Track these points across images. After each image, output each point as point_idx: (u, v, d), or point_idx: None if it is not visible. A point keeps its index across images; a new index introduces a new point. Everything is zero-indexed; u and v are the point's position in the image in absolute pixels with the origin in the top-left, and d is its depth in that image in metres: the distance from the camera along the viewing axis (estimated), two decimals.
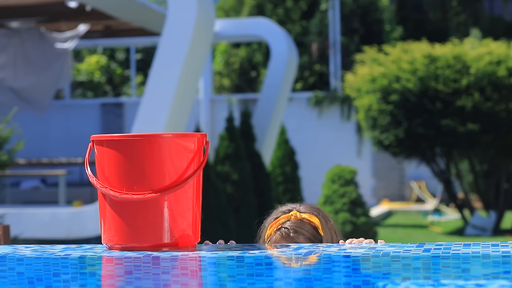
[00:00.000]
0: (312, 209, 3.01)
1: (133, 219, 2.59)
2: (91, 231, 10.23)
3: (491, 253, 2.38)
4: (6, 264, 2.53)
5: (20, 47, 12.73)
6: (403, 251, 2.47)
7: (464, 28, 19.69)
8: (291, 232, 2.92)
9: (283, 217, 2.98)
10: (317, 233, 2.93)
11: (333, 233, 2.97)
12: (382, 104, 12.97)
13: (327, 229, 2.96)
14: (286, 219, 2.97)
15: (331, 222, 3.00)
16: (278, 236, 2.94)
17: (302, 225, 2.94)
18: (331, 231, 2.96)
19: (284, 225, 2.95)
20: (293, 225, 2.94)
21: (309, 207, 3.01)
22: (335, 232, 2.98)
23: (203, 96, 18.09)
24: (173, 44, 9.62)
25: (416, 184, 17.59)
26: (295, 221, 2.95)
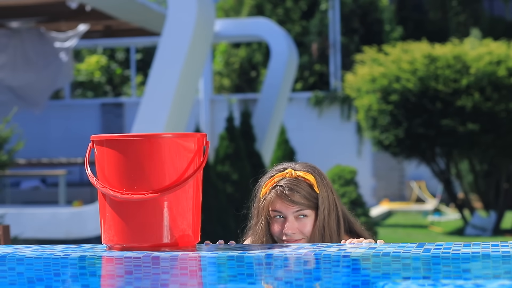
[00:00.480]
0: (307, 167, 2.98)
1: (133, 219, 2.59)
2: (91, 231, 10.23)
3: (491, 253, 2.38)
4: (6, 264, 2.53)
5: (20, 47, 12.73)
6: (403, 251, 2.47)
7: (464, 28, 19.68)
8: (286, 190, 2.90)
9: (278, 175, 2.95)
10: (312, 190, 2.91)
11: (329, 191, 2.94)
12: (382, 104, 12.97)
13: (323, 186, 2.94)
14: (281, 177, 2.94)
15: (327, 180, 2.98)
16: (273, 195, 2.92)
17: (297, 183, 2.91)
18: (327, 189, 2.94)
19: (279, 183, 2.93)
20: (288, 183, 2.91)
21: (305, 165, 2.98)
22: (331, 190, 2.96)
23: (203, 96, 18.09)
24: (173, 44, 9.62)
25: (416, 184, 17.59)
26: (290, 179, 2.92)
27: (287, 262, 2.43)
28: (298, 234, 2.91)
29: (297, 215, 2.91)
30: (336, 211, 2.96)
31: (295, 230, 2.91)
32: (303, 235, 2.92)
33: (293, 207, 2.90)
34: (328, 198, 2.94)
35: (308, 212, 2.91)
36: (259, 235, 2.97)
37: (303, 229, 2.91)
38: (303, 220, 2.91)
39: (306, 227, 2.91)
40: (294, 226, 2.90)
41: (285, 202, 2.90)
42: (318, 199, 2.91)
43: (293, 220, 2.91)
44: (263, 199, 2.95)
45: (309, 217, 2.91)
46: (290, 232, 2.90)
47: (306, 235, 2.92)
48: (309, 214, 2.91)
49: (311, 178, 2.92)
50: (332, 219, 2.94)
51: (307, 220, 2.91)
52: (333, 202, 2.95)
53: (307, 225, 2.91)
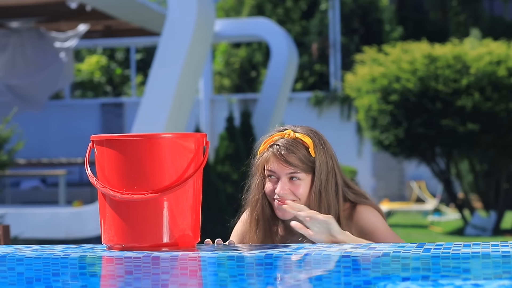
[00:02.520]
0: (308, 131, 2.93)
1: (133, 219, 2.59)
2: (91, 231, 10.23)
3: (491, 253, 2.38)
4: (6, 264, 2.53)
5: (20, 47, 12.73)
6: (403, 251, 2.47)
7: (464, 28, 19.68)
8: (282, 149, 2.86)
9: (277, 135, 2.93)
10: (309, 154, 2.87)
11: (329, 158, 2.89)
12: (382, 104, 12.97)
13: (321, 151, 2.88)
14: (279, 136, 2.91)
15: (328, 146, 2.92)
16: (269, 153, 2.89)
17: (294, 144, 2.87)
18: (326, 155, 2.89)
19: (276, 142, 2.90)
20: (285, 143, 2.88)
21: (306, 129, 2.94)
22: (331, 157, 2.91)
23: (203, 96, 18.09)
24: (173, 44, 9.62)
25: (416, 184, 17.59)
26: (288, 140, 2.88)
27: (287, 262, 2.43)
28: (290, 195, 2.86)
29: (291, 176, 2.86)
30: (335, 179, 2.90)
31: (286, 191, 2.85)
32: (295, 197, 2.86)
33: (287, 168, 2.85)
34: (327, 164, 2.88)
35: (302, 175, 2.86)
36: (254, 193, 2.95)
37: (295, 191, 2.86)
38: (296, 182, 2.86)
39: (298, 190, 2.86)
40: (285, 187, 2.85)
41: (280, 162, 2.86)
42: (315, 164, 2.86)
43: (286, 181, 2.86)
44: (260, 157, 2.93)
45: (303, 180, 2.86)
46: (281, 193, 2.85)
47: (298, 197, 2.86)
48: (303, 177, 2.86)
49: (309, 141, 2.87)
50: (330, 185, 2.88)
51: (301, 183, 2.86)
52: (332, 169, 2.89)
53: (299, 187, 2.86)
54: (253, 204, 2.96)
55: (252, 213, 2.97)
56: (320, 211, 2.85)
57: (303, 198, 2.87)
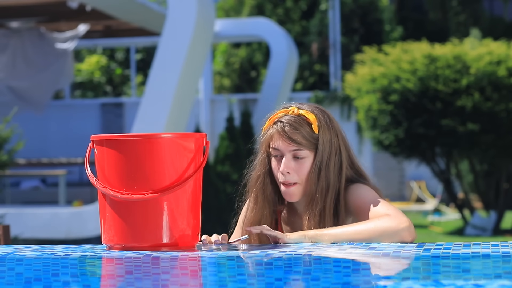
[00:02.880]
0: (314, 108, 2.90)
1: (133, 219, 2.59)
2: (91, 231, 10.23)
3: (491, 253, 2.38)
4: (5, 265, 2.53)
5: (20, 47, 12.73)
6: (403, 251, 2.47)
7: (464, 28, 19.68)
8: (286, 126, 2.83)
9: (281, 111, 2.89)
10: (312, 131, 2.83)
11: (333, 136, 2.86)
12: (382, 104, 12.96)
13: (326, 128, 2.85)
14: (284, 113, 2.88)
15: (334, 124, 2.88)
16: (274, 130, 2.86)
17: (297, 121, 2.84)
18: (331, 132, 2.85)
19: (280, 119, 2.87)
20: (289, 120, 2.84)
21: (313, 106, 2.90)
22: (337, 135, 2.87)
23: (203, 96, 18.09)
24: (173, 44, 9.62)
25: (416, 184, 17.59)
26: (292, 116, 2.85)
27: (287, 262, 2.43)
28: (294, 175, 2.82)
29: (294, 154, 2.82)
30: (339, 157, 2.86)
31: (290, 169, 2.82)
32: (299, 178, 2.83)
33: (291, 145, 2.82)
34: (331, 142, 2.84)
35: (306, 152, 2.82)
36: (257, 170, 2.93)
37: (299, 171, 2.82)
38: (300, 161, 2.82)
39: (303, 169, 2.83)
40: (290, 165, 2.83)
41: (283, 138, 2.83)
42: (318, 140, 2.83)
43: (290, 158, 2.83)
44: (264, 134, 2.91)
45: (307, 158, 2.82)
46: (285, 171, 2.82)
47: (302, 178, 2.83)
48: (307, 155, 2.83)
49: (312, 117, 2.84)
50: (333, 163, 2.83)
51: (305, 162, 2.83)
52: (336, 147, 2.85)
53: (304, 166, 2.83)
54: (253, 181, 2.94)
55: (252, 190, 2.95)
56: (317, 189, 2.81)
57: (304, 177, 2.84)
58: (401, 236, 2.64)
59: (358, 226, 2.67)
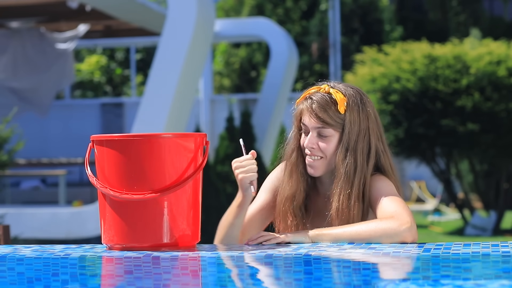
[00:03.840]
0: (348, 88, 2.88)
1: (133, 219, 2.59)
2: (91, 231, 10.23)
3: (491, 253, 2.38)
4: (6, 264, 2.53)
5: (20, 48, 12.72)
6: (403, 251, 2.47)
7: (464, 28, 19.68)
8: (314, 103, 2.84)
9: (313, 88, 2.91)
10: (338, 111, 2.82)
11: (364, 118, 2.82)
12: (382, 104, 12.96)
13: (355, 110, 2.82)
14: (315, 90, 2.89)
15: (368, 106, 2.85)
16: (303, 106, 2.87)
17: (326, 99, 2.84)
18: (360, 114, 2.83)
19: (311, 95, 2.88)
20: (318, 97, 2.85)
21: (347, 86, 2.89)
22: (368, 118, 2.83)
23: (203, 96, 18.09)
24: (173, 44, 9.61)
25: (416, 184, 17.59)
26: (322, 94, 2.86)
27: (287, 262, 2.43)
28: (317, 150, 2.84)
29: (319, 132, 2.83)
30: (368, 141, 2.83)
31: (314, 145, 2.84)
32: (323, 154, 2.84)
33: (316, 122, 2.83)
34: (360, 124, 2.82)
35: (330, 131, 2.83)
36: (290, 143, 2.94)
37: (323, 147, 2.84)
38: (324, 139, 2.83)
39: (327, 147, 2.84)
40: (313, 141, 2.84)
41: (310, 115, 2.84)
42: (345, 121, 2.82)
43: (315, 135, 2.84)
44: (296, 108, 2.92)
45: (330, 136, 2.83)
46: (309, 146, 2.84)
47: (325, 154, 2.84)
48: (331, 133, 2.83)
49: (340, 97, 2.83)
50: (360, 146, 2.82)
51: (329, 139, 2.83)
52: (365, 129, 2.83)
53: (328, 145, 2.83)
54: (288, 155, 2.95)
55: (287, 163, 2.96)
56: (342, 169, 2.81)
57: (329, 154, 2.84)
58: (402, 238, 2.64)
59: (359, 226, 2.67)
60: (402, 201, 2.78)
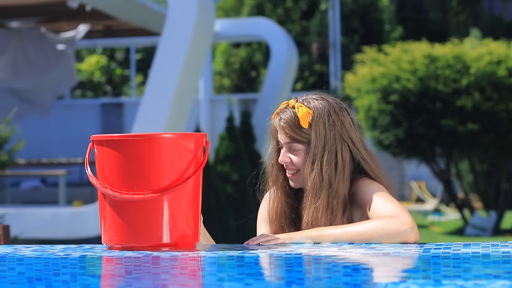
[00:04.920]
0: (316, 100, 2.87)
1: (133, 219, 2.59)
2: (91, 231, 10.23)
3: (491, 253, 2.38)
4: (6, 264, 2.53)
5: (20, 48, 12.72)
6: (403, 251, 2.47)
7: (464, 28, 19.68)
8: (281, 120, 2.86)
9: (283, 103, 2.93)
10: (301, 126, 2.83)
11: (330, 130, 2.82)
12: (382, 104, 12.96)
13: (321, 123, 2.82)
14: (284, 105, 2.91)
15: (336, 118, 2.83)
16: (274, 122, 2.91)
17: (290, 115, 2.86)
18: (326, 127, 2.82)
19: (280, 111, 2.91)
20: (284, 113, 2.87)
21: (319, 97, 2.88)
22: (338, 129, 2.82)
23: (203, 96, 18.09)
24: (173, 44, 9.62)
25: (416, 184, 17.59)
26: (287, 109, 2.88)
27: (287, 262, 2.43)
28: (291, 164, 2.87)
29: (289, 147, 2.86)
30: (334, 153, 2.82)
31: (287, 159, 2.86)
32: (296, 167, 2.86)
33: (285, 138, 2.86)
34: (325, 136, 2.82)
35: (299, 146, 2.85)
36: (271, 159, 2.97)
37: (295, 161, 2.86)
38: (295, 153, 2.86)
39: (297, 160, 2.86)
40: (285, 155, 2.87)
41: (280, 132, 2.88)
42: (311, 135, 2.83)
43: (286, 150, 2.87)
44: (270, 125, 2.95)
45: (300, 151, 2.85)
46: (283, 161, 2.87)
47: (296, 166, 2.86)
48: (300, 147, 2.85)
49: (302, 112, 2.83)
50: (326, 158, 2.81)
51: (299, 154, 2.86)
52: (332, 142, 2.82)
53: (298, 158, 2.86)
54: (269, 170, 2.98)
55: (269, 180, 2.98)
56: (309, 183, 2.81)
57: (301, 167, 2.87)
58: (403, 237, 2.63)
59: (360, 226, 2.67)
60: (398, 202, 2.78)
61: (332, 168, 2.82)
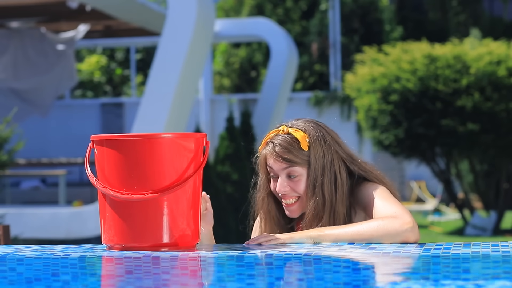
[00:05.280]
0: (305, 124, 2.88)
1: (133, 219, 2.59)
2: (91, 231, 10.23)
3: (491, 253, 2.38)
4: (6, 264, 2.53)
5: (20, 48, 12.71)
6: (403, 251, 2.47)
7: (464, 28, 19.68)
8: (276, 147, 2.84)
9: (272, 132, 2.91)
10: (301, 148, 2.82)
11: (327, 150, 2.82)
12: (382, 104, 12.96)
13: (318, 144, 2.82)
14: (274, 133, 2.90)
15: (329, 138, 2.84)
16: (266, 151, 2.88)
17: (287, 140, 2.84)
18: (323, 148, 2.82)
19: (272, 139, 2.88)
20: (279, 140, 2.85)
21: (304, 122, 2.89)
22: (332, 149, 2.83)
23: (203, 96, 18.09)
24: (173, 44, 9.61)
25: (416, 184, 17.59)
26: (281, 136, 2.86)
27: (287, 262, 2.43)
28: (291, 191, 2.84)
29: (288, 173, 2.83)
30: (333, 171, 2.82)
31: (286, 187, 2.83)
32: (298, 193, 2.84)
33: (282, 164, 2.83)
34: (324, 157, 2.82)
35: (299, 170, 2.82)
36: (260, 192, 2.94)
37: (295, 187, 2.83)
38: (294, 179, 2.83)
39: (297, 186, 2.83)
40: (284, 183, 2.83)
41: (275, 159, 2.84)
42: (310, 157, 2.82)
43: (284, 178, 2.84)
44: (260, 155, 2.92)
45: (301, 176, 2.83)
46: (282, 191, 2.83)
47: (298, 192, 2.83)
48: (300, 172, 2.82)
49: (300, 135, 2.83)
50: (327, 178, 2.81)
51: (299, 178, 2.83)
52: (330, 161, 2.82)
53: (298, 183, 2.83)
54: (259, 203, 2.96)
55: (259, 211, 2.97)
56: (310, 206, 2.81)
57: (303, 193, 2.85)
58: (404, 237, 2.63)
59: (361, 226, 2.67)
60: (398, 202, 2.78)
61: (332, 189, 2.83)
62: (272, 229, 2.94)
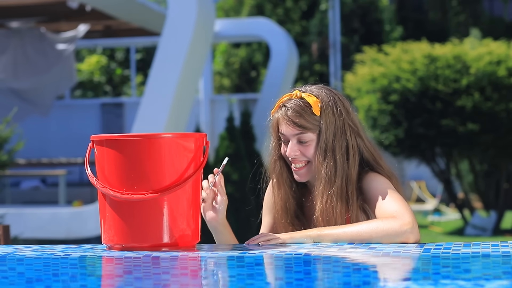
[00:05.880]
0: (319, 89, 2.89)
1: (133, 219, 2.59)
2: (91, 231, 10.23)
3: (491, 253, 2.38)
4: (6, 264, 2.53)
5: (20, 48, 12.72)
6: (403, 251, 2.48)
7: (464, 28, 19.68)
8: (288, 111, 2.83)
9: (285, 96, 2.91)
10: (313, 113, 2.82)
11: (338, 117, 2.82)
12: (382, 104, 12.96)
13: (330, 111, 2.82)
14: (287, 97, 2.89)
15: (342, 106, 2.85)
16: (278, 115, 2.88)
17: (299, 104, 2.84)
18: (335, 114, 2.82)
19: (284, 103, 2.88)
20: (291, 104, 2.85)
21: (320, 87, 2.89)
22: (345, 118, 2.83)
23: (203, 96, 18.09)
24: (173, 44, 9.61)
25: (416, 184, 17.59)
26: (294, 100, 2.86)
27: (287, 262, 2.43)
28: (301, 156, 2.84)
29: (299, 138, 2.83)
30: (345, 138, 2.83)
31: (296, 152, 2.84)
32: (307, 158, 2.84)
33: (294, 129, 2.83)
34: (335, 123, 2.82)
35: (310, 135, 2.82)
36: (272, 155, 2.94)
37: (305, 152, 2.84)
38: (305, 144, 2.83)
39: (307, 150, 2.83)
40: (295, 148, 2.83)
41: (287, 123, 2.84)
42: (321, 122, 2.82)
43: (295, 142, 2.84)
44: (271, 119, 2.93)
45: (311, 140, 2.83)
46: (292, 155, 2.84)
47: (308, 158, 2.83)
48: (311, 137, 2.82)
49: (313, 100, 2.83)
50: (339, 146, 2.82)
51: (310, 144, 2.83)
52: (341, 129, 2.83)
53: (308, 148, 2.83)
54: (271, 166, 2.96)
55: (272, 175, 2.97)
56: (323, 171, 2.81)
57: (313, 158, 2.85)
58: (404, 238, 2.63)
59: (360, 227, 2.67)
60: (402, 199, 2.78)
61: (344, 154, 2.83)
62: (285, 192, 2.92)
